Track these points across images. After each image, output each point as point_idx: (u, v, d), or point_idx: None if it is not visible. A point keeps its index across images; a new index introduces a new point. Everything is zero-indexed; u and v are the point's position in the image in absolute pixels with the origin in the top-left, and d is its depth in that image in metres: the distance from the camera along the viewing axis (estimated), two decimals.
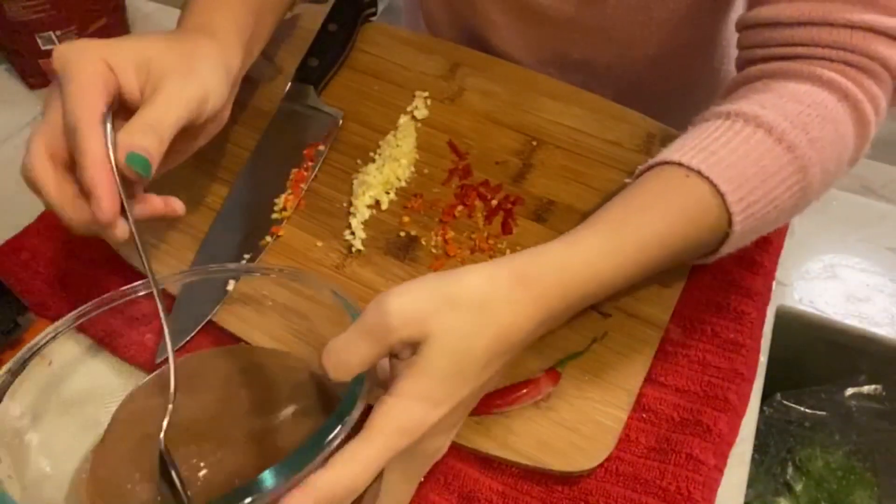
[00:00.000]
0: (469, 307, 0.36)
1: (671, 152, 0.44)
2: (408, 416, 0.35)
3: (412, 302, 0.36)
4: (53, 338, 0.42)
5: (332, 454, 0.33)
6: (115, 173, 0.40)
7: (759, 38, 0.48)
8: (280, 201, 0.55)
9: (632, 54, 0.66)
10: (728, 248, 0.44)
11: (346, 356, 0.36)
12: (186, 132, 0.45)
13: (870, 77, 0.44)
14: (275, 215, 0.54)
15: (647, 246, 0.42)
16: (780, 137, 0.42)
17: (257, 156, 0.58)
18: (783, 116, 0.43)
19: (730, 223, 0.42)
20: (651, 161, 0.45)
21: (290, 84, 0.62)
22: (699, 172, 0.42)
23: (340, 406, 0.35)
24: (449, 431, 0.40)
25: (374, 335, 0.36)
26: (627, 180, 0.47)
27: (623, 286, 0.42)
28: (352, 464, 0.33)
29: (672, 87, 0.70)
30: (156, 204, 0.44)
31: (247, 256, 0.52)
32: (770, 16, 0.46)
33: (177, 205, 0.45)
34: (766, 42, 0.47)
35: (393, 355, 0.37)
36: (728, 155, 0.42)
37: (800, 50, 0.45)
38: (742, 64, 0.50)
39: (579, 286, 0.40)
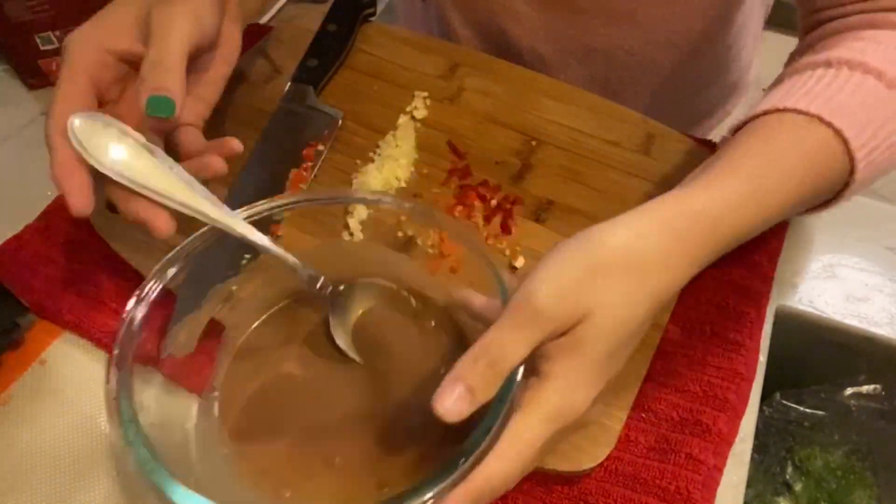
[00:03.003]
0: (624, 273, 0.35)
1: (783, 100, 0.42)
2: (568, 403, 0.34)
3: (561, 287, 0.34)
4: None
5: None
6: (84, 172, 0.42)
7: None
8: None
9: (655, 38, 0.66)
10: (847, 196, 0.44)
11: (500, 355, 0.33)
12: (198, 71, 0.47)
13: None
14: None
15: (785, 190, 0.40)
16: (890, 83, 0.42)
17: (256, 156, 0.58)
18: (888, 61, 0.42)
19: (852, 170, 0.41)
20: (761, 108, 0.43)
21: (289, 84, 0.62)
22: (819, 118, 0.40)
23: (494, 407, 0.33)
24: (601, 401, 0.37)
25: (530, 329, 0.34)
26: (726, 135, 0.45)
27: (757, 233, 0.41)
28: (507, 458, 0.33)
29: (688, 70, 0.71)
30: (213, 153, 0.46)
31: (247, 256, 0.52)
32: None
33: (234, 143, 0.46)
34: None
35: None
36: (844, 101, 0.41)
37: (883, 2, 0.45)
38: (812, 25, 0.50)
39: (726, 235, 0.39)
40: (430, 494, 0.31)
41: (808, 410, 0.61)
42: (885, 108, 0.42)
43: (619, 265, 0.35)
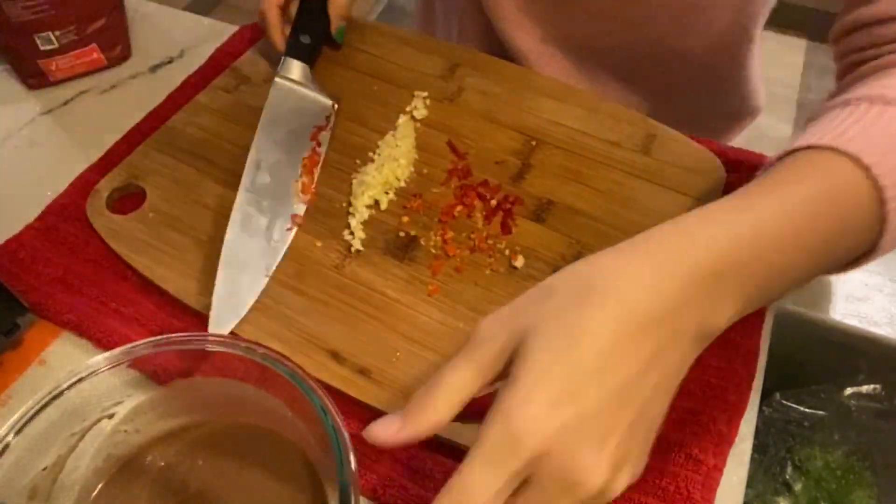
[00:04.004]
0: (572, 289, 0.31)
1: (802, 140, 0.39)
2: (519, 419, 0.29)
3: (500, 311, 0.32)
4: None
5: None
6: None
7: (866, 39, 0.47)
8: (297, 185, 0.55)
9: (637, 36, 0.66)
10: (887, 239, 0.37)
11: (443, 384, 0.32)
12: None
13: None
14: (295, 201, 0.55)
15: (798, 223, 0.35)
16: None
17: (265, 135, 0.57)
18: None
19: (882, 201, 0.36)
20: (777, 155, 0.40)
21: (284, 58, 0.62)
22: (832, 149, 0.36)
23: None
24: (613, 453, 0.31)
25: (469, 358, 0.32)
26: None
27: (784, 281, 0.36)
28: (459, 489, 0.30)
29: (679, 75, 0.71)
30: None
31: (276, 238, 0.52)
32: (877, 13, 0.46)
33: None
34: (875, 41, 0.46)
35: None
36: (860, 131, 0.38)
37: None
38: (846, 68, 0.49)
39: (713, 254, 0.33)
40: None
41: (808, 410, 0.61)
42: None
43: (565, 286, 0.32)
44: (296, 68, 0.62)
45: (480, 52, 0.67)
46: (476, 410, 0.44)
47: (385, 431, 0.33)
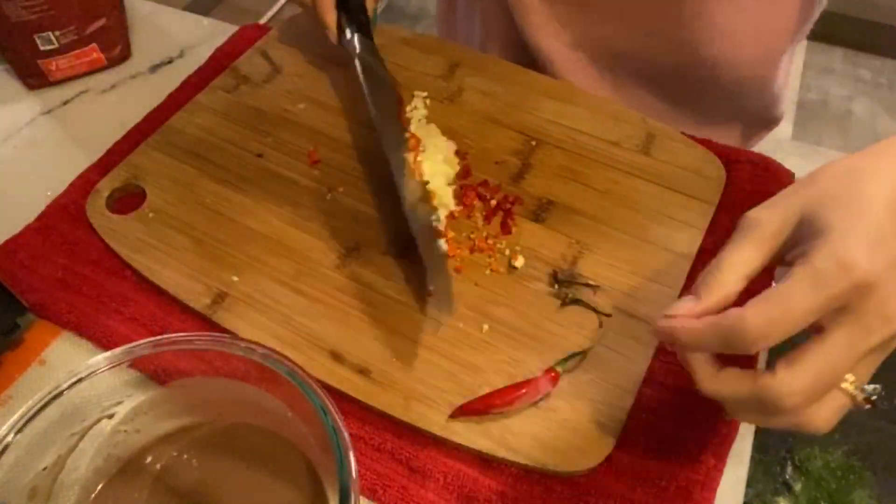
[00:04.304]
0: (837, 174, 0.34)
1: None
2: (849, 251, 0.31)
3: (764, 204, 0.35)
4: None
5: None
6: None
7: None
8: (410, 158, 0.54)
9: (659, 41, 0.66)
10: None
11: (726, 262, 0.34)
12: None
13: None
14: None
15: None
16: None
17: (380, 116, 0.56)
18: None
19: None
20: None
21: (357, 38, 0.61)
22: None
23: None
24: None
25: (749, 238, 0.34)
26: None
27: None
28: (779, 300, 0.31)
29: (696, 80, 0.71)
30: None
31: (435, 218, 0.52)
32: None
33: None
34: None
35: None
36: None
37: None
38: None
39: None
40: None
41: None
42: None
43: (833, 169, 0.35)
44: (367, 46, 0.61)
45: (505, 56, 0.67)
46: (475, 410, 0.44)
47: (680, 310, 0.35)
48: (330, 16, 0.60)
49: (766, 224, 0.35)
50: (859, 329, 0.32)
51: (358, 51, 0.60)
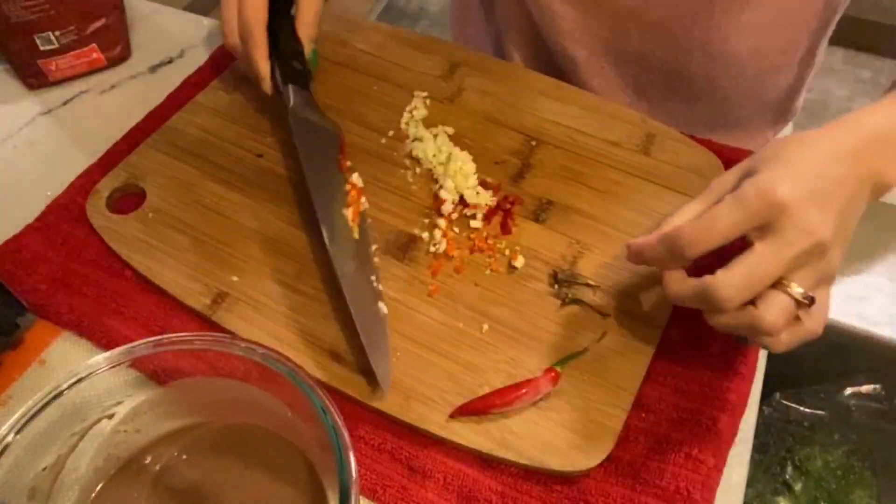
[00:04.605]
0: (779, 143, 0.41)
1: None
2: (762, 186, 0.38)
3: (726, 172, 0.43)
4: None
5: None
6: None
7: None
8: (348, 214, 0.53)
9: (688, 49, 0.66)
10: None
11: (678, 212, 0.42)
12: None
13: None
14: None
15: None
16: None
17: (312, 176, 0.53)
18: None
19: None
20: None
21: (292, 89, 0.57)
22: None
23: None
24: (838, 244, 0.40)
25: (702, 200, 0.42)
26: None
27: None
28: (709, 217, 0.39)
29: (727, 86, 0.70)
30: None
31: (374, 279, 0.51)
32: None
33: None
34: None
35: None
36: None
37: None
38: None
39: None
40: None
41: (807, 410, 0.61)
42: None
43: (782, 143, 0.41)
44: (301, 97, 0.57)
45: (526, 61, 0.66)
46: (475, 410, 0.44)
47: (641, 238, 0.43)
48: (263, 65, 0.57)
49: (717, 184, 0.43)
50: (780, 240, 0.38)
51: (291, 104, 0.56)
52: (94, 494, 0.39)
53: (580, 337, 0.48)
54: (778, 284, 0.39)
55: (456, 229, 0.54)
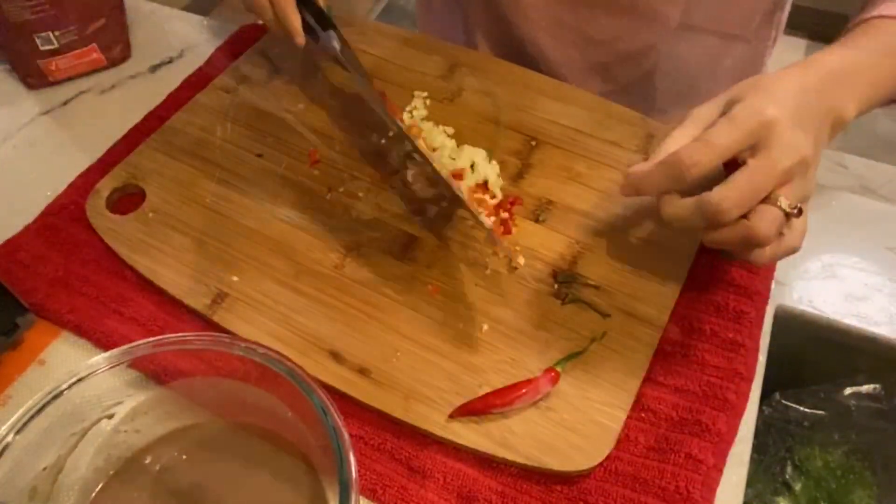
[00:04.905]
0: (752, 80, 0.44)
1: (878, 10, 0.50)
2: (760, 104, 0.42)
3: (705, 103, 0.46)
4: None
5: None
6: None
7: None
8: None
9: (659, 31, 0.67)
10: None
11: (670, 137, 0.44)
12: None
13: None
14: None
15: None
16: None
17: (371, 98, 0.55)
18: None
19: None
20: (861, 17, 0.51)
21: (332, 34, 0.57)
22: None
23: None
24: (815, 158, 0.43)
25: (685, 126, 0.45)
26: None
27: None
28: (707, 135, 0.42)
29: (699, 68, 0.72)
30: None
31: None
32: None
33: None
34: None
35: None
36: None
37: None
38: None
39: (865, 86, 0.47)
40: None
41: (807, 410, 0.61)
42: None
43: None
44: (343, 40, 0.58)
45: (493, 50, 0.66)
46: (475, 410, 0.44)
47: (637, 167, 0.46)
48: (294, 19, 0.57)
49: (699, 113, 0.45)
50: (771, 156, 0.41)
51: (339, 47, 0.57)
52: (94, 494, 0.39)
53: (580, 337, 0.48)
54: (767, 199, 0.42)
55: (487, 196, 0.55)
